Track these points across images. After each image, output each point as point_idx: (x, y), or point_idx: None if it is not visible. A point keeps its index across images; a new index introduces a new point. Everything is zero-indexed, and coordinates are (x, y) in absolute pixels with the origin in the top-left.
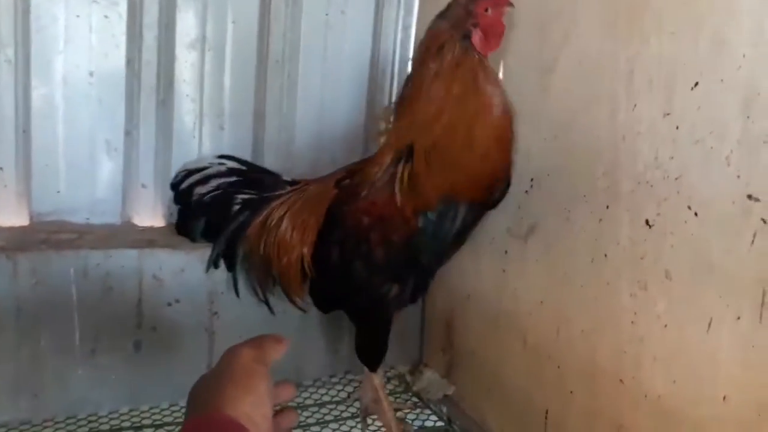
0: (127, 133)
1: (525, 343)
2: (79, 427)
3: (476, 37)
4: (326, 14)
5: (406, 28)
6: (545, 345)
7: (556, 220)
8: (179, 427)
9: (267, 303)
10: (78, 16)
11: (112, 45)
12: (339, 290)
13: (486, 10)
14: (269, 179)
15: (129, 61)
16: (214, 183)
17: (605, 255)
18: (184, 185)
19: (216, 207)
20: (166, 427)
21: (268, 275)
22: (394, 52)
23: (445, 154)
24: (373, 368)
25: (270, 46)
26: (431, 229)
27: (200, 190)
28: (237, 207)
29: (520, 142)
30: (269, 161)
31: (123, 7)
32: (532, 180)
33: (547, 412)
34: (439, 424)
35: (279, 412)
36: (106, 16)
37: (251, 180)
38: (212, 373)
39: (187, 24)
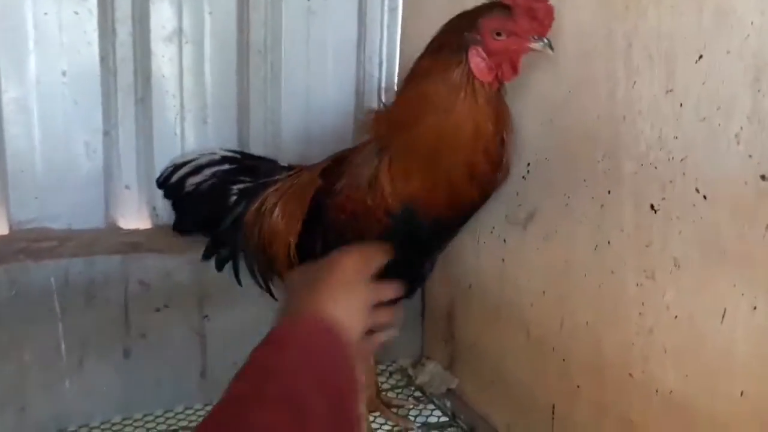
0: (106, 134)
1: (528, 334)
2: None
3: (475, 58)
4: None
5: (393, 10)
6: (549, 337)
7: (556, 207)
8: None
9: (269, 291)
10: (46, 13)
11: (84, 42)
12: None
13: (498, 34)
14: (265, 165)
15: (103, 59)
16: (207, 172)
17: (608, 242)
18: (174, 179)
19: (212, 196)
20: None
21: (265, 262)
22: (382, 35)
23: (408, 164)
24: None
25: (250, 35)
26: (402, 229)
27: (193, 180)
28: (234, 196)
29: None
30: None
31: (93, 2)
32: (528, 165)
33: (553, 407)
34: (443, 419)
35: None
36: (75, 12)
37: (246, 167)
38: (312, 274)
39: (162, 17)
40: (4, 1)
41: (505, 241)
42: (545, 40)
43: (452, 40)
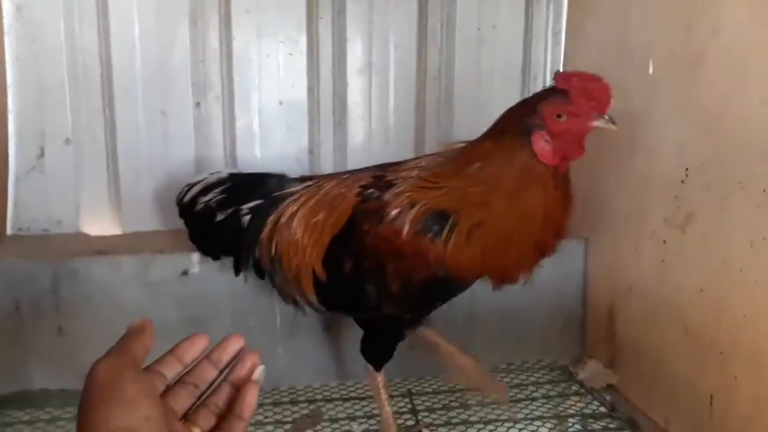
0: (311, 152)
1: (686, 331)
2: None
3: (539, 141)
4: (478, 29)
5: (556, 34)
6: (707, 332)
7: (713, 208)
8: None
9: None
10: (269, 55)
11: (296, 78)
12: (348, 302)
13: (559, 116)
14: (272, 180)
15: (310, 90)
16: (216, 191)
17: (764, 238)
18: (186, 198)
19: (224, 217)
20: None
21: (291, 280)
22: (546, 58)
23: (474, 241)
24: (378, 367)
25: (428, 64)
26: (440, 283)
27: (203, 199)
28: (245, 215)
29: (671, 134)
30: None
31: (303, 45)
32: (687, 170)
33: (711, 398)
34: (602, 410)
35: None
36: (290, 54)
37: (253, 183)
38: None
39: (355, 54)
40: (240, 46)
41: (664, 242)
42: (606, 117)
43: (514, 125)
